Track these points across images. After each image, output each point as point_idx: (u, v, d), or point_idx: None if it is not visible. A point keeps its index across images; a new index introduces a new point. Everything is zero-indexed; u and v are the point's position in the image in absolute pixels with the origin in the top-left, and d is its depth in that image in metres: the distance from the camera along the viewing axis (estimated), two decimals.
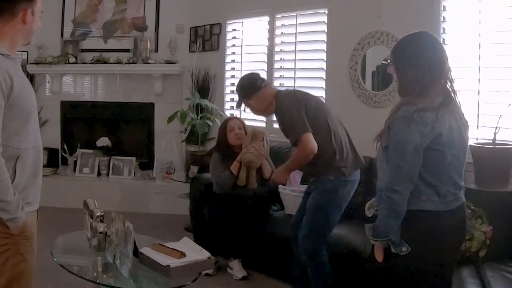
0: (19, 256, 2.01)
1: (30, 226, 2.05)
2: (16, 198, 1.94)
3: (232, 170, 3.95)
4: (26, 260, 2.03)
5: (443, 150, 2.15)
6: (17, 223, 1.96)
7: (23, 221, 1.98)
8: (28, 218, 2.02)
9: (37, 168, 2.09)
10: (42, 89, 6.22)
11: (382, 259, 2.25)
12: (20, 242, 2.00)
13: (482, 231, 2.82)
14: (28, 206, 2.03)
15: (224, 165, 4.02)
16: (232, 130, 4.08)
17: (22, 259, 2.02)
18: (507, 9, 3.31)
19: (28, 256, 2.04)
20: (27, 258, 2.04)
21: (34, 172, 2.07)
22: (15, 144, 1.97)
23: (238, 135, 4.06)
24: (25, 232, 2.01)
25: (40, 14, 2.09)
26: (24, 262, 2.03)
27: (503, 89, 3.26)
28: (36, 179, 2.08)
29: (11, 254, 1.99)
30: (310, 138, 3.12)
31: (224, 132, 4.11)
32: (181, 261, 2.61)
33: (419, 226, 2.17)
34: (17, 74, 1.99)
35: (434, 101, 2.15)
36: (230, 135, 4.08)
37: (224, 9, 5.54)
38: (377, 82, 4.15)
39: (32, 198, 2.07)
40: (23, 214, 1.97)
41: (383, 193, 2.18)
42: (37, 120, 2.14)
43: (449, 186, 2.19)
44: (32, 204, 2.07)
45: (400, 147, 2.14)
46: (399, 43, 2.29)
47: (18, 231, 1.98)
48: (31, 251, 2.06)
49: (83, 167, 6.12)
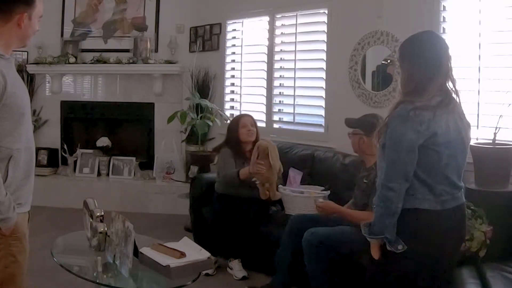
0: (10, 257, 2.00)
1: (22, 227, 2.04)
2: (8, 198, 1.93)
3: (241, 175, 3.90)
4: (18, 261, 2.02)
5: (439, 150, 2.16)
6: (8, 224, 1.95)
7: (14, 222, 1.97)
8: (20, 219, 2.01)
9: (29, 169, 2.08)
10: (42, 89, 6.22)
11: (379, 256, 2.26)
12: (11, 243, 1.99)
13: (482, 231, 2.82)
14: (20, 207, 2.02)
15: (233, 161, 4.04)
16: (244, 126, 4.11)
17: (13, 260, 2.01)
18: (507, 9, 3.31)
19: (20, 257, 2.03)
20: (19, 259, 2.03)
21: (27, 173, 2.06)
22: (7, 144, 1.97)
23: (250, 132, 4.11)
24: (16, 233, 2.00)
25: (38, 18, 2.08)
26: (16, 263, 2.02)
27: (503, 89, 3.26)
28: (28, 180, 2.07)
29: (3, 255, 1.98)
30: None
31: (236, 128, 4.13)
32: (181, 261, 2.61)
33: (414, 224, 2.17)
34: (10, 74, 1.99)
35: (433, 100, 2.16)
36: (242, 132, 4.10)
37: (224, 9, 5.54)
38: (377, 82, 4.15)
39: (24, 199, 2.06)
40: (14, 214, 1.96)
41: (379, 191, 2.19)
42: (30, 121, 2.13)
43: (444, 186, 2.19)
44: (24, 205, 2.06)
45: (395, 145, 2.16)
46: (403, 42, 2.35)
47: (9, 231, 1.97)
48: (23, 252, 2.05)
49: (83, 167, 6.11)
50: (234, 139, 4.12)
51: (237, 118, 4.31)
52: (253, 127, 4.14)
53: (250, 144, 4.10)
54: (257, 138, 4.15)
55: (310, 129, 4.75)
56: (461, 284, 2.51)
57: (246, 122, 4.14)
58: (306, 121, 4.84)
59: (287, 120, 4.97)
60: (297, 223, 3.49)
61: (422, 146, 2.14)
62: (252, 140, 4.11)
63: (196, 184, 4.54)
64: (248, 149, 4.10)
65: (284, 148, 4.47)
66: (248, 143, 4.11)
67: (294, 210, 3.79)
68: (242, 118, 4.21)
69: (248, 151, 4.09)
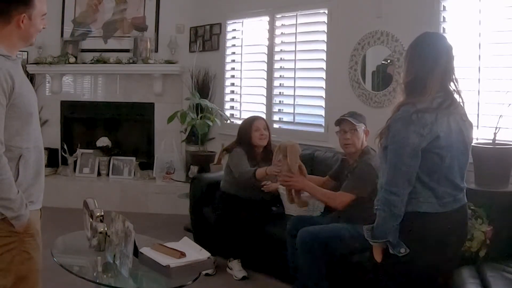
0: (25, 254, 2.03)
1: (35, 223, 2.08)
2: (20, 196, 1.97)
3: (258, 175, 3.78)
4: (32, 258, 2.05)
5: (441, 153, 2.15)
6: (21, 221, 1.98)
7: (27, 219, 2.00)
8: (32, 216, 2.04)
9: (39, 167, 2.11)
10: (42, 89, 6.22)
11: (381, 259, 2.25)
12: (25, 240, 2.03)
13: (482, 231, 2.82)
14: (32, 204, 2.05)
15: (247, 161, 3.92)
16: (257, 130, 3.99)
17: (28, 257, 2.04)
18: (507, 9, 3.31)
19: (34, 254, 2.06)
20: (33, 256, 2.06)
21: (37, 172, 2.09)
22: (17, 144, 2.00)
23: (263, 136, 4.00)
24: (29, 230, 2.04)
25: (41, 17, 2.09)
26: (31, 260, 2.05)
27: (503, 89, 3.26)
28: (39, 178, 2.11)
29: (17, 252, 2.01)
30: (349, 199, 3.30)
31: (249, 131, 4.00)
32: (181, 261, 2.61)
33: (417, 227, 2.17)
34: (18, 74, 2.02)
35: (434, 102, 2.16)
36: (255, 135, 3.99)
37: (224, 9, 5.54)
38: (377, 82, 4.14)
39: (36, 197, 2.10)
40: (27, 212, 2.00)
41: (381, 195, 2.18)
42: (38, 120, 2.17)
43: (447, 188, 2.19)
44: (35, 203, 2.09)
45: (398, 149, 2.14)
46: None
47: (22, 229, 2.00)
48: (36, 249, 2.08)
49: (83, 167, 6.12)
50: (246, 141, 4.00)
51: (250, 120, 4.11)
52: (266, 131, 4.02)
53: (261, 148, 4.02)
54: (269, 142, 4.04)
55: (310, 129, 4.75)
56: (461, 284, 2.51)
57: (259, 126, 4.00)
58: (306, 121, 4.84)
59: (287, 120, 4.97)
60: (295, 225, 3.47)
61: (424, 149, 2.13)
62: (264, 145, 4.01)
63: (196, 184, 4.54)
64: (259, 152, 4.02)
65: None
66: (259, 147, 4.03)
67: (295, 210, 3.80)
68: (255, 121, 4.05)
69: (259, 154, 4.01)
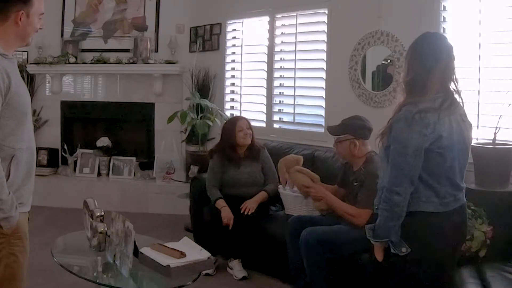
0: (12, 256, 2.01)
1: (23, 226, 2.05)
2: (11, 197, 1.95)
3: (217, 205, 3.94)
4: (19, 261, 2.03)
5: (443, 153, 2.15)
6: (10, 222, 1.96)
7: (16, 221, 1.98)
8: (21, 218, 2.02)
9: (30, 168, 2.09)
10: (42, 89, 6.22)
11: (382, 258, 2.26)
12: (13, 242, 2.00)
13: (482, 231, 2.82)
14: (21, 206, 2.03)
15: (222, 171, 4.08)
16: (241, 130, 4.11)
17: (15, 259, 2.02)
18: (507, 9, 3.31)
19: (21, 257, 2.04)
20: (20, 259, 2.04)
21: (28, 173, 2.07)
22: (10, 143, 1.98)
23: (246, 135, 4.11)
24: (18, 232, 2.02)
25: (39, 16, 2.08)
26: (17, 263, 2.03)
27: (503, 89, 3.26)
28: (29, 180, 2.09)
29: (4, 254, 1.99)
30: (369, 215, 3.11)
31: (233, 132, 4.11)
32: (181, 261, 2.61)
33: (418, 227, 2.17)
34: (14, 74, 2.00)
35: (436, 102, 2.16)
36: (239, 135, 4.10)
37: (224, 9, 5.54)
38: (377, 82, 4.14)
39: (25, 198, 2.07)
40: (17, 213, 1.97)
41: (384, 194, 2.18)
42: (31, 121, 2.14)
43: (448, 188, 2.19)
44: (25, 205, 2.07)
45: (401, 149, 2.14)
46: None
47: (11, 230, 1.98)
48: (23, 252, 2.06)
49: (83, 167, 6.11)
50: (230, 142, 4.12)
51: (233, 120, 4.27)
52: (248, 129, 4.14)
53: (245, 147, 4.13)
54: (252, 140, 4.16)
55: (310, 129, 4.75)
56: (461, 284, 2.51)
57: (242, 125, 4.13)
58: (306, 121, 4.83)
59: (287, 120, 4.97)
60: (296, 225, 3.47)
61: (427, 149, 2.13)
62: (248, 144, 4.13)
63: (196, 184, 4.54)
64: (243, 151, 4.13)
65: (284, 148, 4.48)
66: (243, 146, 4.13)
67: (295, 210, 3.79)
68: (239, 121, 4.18)
69: (242, 153, 4.13)
